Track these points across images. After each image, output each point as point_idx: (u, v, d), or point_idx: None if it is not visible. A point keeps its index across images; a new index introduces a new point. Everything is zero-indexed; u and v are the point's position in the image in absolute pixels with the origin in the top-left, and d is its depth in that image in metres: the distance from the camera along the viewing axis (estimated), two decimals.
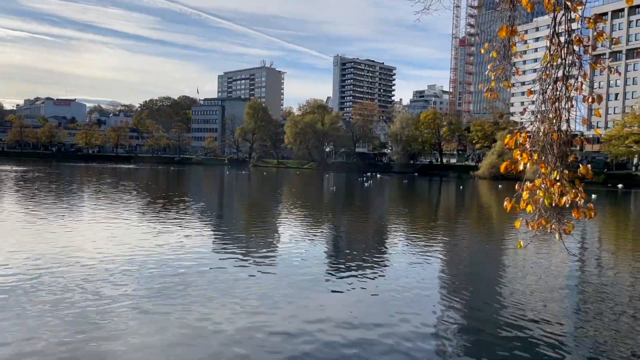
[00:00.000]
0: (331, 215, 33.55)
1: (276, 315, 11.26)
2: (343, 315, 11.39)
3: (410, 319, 11.20)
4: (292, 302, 12.36)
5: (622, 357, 9.37)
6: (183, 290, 12.90)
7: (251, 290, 13.16)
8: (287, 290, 13.32)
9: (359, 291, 13.57)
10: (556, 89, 5.02)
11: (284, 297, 12.67)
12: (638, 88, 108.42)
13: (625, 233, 29.69)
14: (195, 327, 10.40)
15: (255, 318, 11.04)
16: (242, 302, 12.15)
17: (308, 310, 11.78)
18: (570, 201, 5.08)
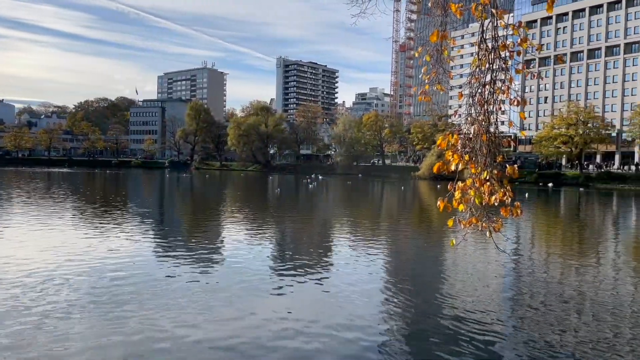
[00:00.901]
0: (275, 217, 33.44)
1: (216, 320, 11.08)
2: (285, 317, 11.38)
3: (353, 320, 11.33)
4: (233, 305, 12.21)
5: (551, 347, 9.87)
6: (119, 299, 12.46)
7: (192, 296, 12.90)
8: (228, 294, 13.15)
9: (302, 292, 13.60)
10: (484, 93, 5.23)
11: (225, 301, 12.50)
12: (565, 92, 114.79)
13: (555, 229, 31.34)
14: (133, 336, 10.07)
15: (196, 324, 10.83)
16: (182, 308, 11.88)
17: (249, 314, 11.68)
18: (499, 200, 5.30)
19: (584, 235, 28.10)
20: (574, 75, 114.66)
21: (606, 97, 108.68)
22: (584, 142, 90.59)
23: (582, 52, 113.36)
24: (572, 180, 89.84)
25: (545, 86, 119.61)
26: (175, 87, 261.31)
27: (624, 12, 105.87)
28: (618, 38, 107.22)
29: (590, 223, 34.99)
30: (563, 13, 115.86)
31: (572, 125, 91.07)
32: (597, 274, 16.91)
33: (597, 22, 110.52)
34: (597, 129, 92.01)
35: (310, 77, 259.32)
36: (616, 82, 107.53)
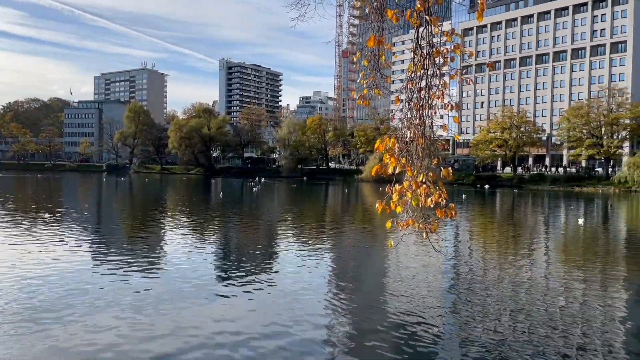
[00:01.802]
0: (218, 221, 32.92)
1: (159, 327, 10.77)
2: (230, 322, 11.21)
3: (297, 323, 11.32)
4: (176, 312, 11.91)
5: (490, 343, 10.24)
6: (57, 311, 11.87)
7: (134, 304, 12.47)
8: (171, 301, 12.81)
9: (247, 297, 13.45)
10: (420, 97, 5.37)
11: (168, 308, 12.16)
12: (500, 97, 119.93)
13: (490, 229, 32.63)
14: (59, 347, 9.61)
15: (138, 332, 10.47)
16: (123, 318, 11.46)
17: (193, 320, 11.42)
18: (435, 202, 5.45)
19: (517, 235, 29.40)
20: (508, 81, 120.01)
21: (537, 103, 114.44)
22: (517, 146, 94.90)
23: (514, 60, 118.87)
24: (507, 181, 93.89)
25: (481, 92, 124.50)
26: (113, 88, 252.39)
27: (552, 22, 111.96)
28: (547, 47, 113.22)
29: (524, 223, 36.67)
30: (497, 22, 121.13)
31: (507, 130, 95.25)
32: (530, 272, 17.72)
33: (528, 32, 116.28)
34: (529, 133, 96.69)
35: (254, 80, 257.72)
36: (546, 88, 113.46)
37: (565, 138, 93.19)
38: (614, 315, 12.56)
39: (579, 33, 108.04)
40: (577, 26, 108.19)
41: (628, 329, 11.52)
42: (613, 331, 11.29)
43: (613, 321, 12.01)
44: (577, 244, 25.89)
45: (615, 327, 11.57)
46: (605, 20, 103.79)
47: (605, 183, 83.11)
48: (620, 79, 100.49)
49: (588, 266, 19.20)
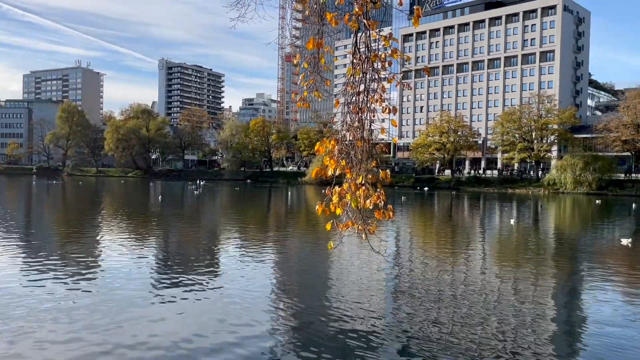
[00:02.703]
0: (158, 225, 32.00)
1: (95, 336, 10.31)
2: (169, 329, 10.90)
3: (242, 326, 11.16)
4: (112, 321, 11.44)
5: (430, 341, 10.50)
6: None
7: (69, 314, 11.87)
8: (107, 310, 12.30)
9: (187, 303, 13.13)
10: (359, 101, 5.42)
11: (104, 317, 11.67)
12: (438, 102, 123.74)
13: (429, 230, 33.55)
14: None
15: (76, 343, 9.98)
16: (60, 327, 10.89)
17: (134, 326, 11.02)
18: (374, 203, 5.52)
19: (455, 235, 30.39)
20: (446, 87, 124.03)
21: (473, 108, 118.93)
22: (454, 149, 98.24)
23: (452, 66, 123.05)
24: (445, 184, 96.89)
25: (421, 96, 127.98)
26: (44, 87, 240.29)
27: (487, 31, 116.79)
28: (482, 54, 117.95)
29: (461, 223, 37.97)
30: (435, 29, 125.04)
31: (444, 134, 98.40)
32: (466, 271, 18.35)
33: (465, 39, 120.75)
34: (466, 137, 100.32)
35: (195, 81, 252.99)
36: (481, 94, 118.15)
37: (499, 142, 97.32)
38: (544, 310, 13.20)
39: (511, 42, 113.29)
40: (510, 35, 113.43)
41: (556, 321, 12.15)
42: (543, 325, 11.86)
43: (543, 316, 12.63)
44: (510, 243, 27.07)
45: (544, 321, 12.16)
46: (535, 30, 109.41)
47: (536, 185, 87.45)
48: (549, 86, 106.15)
49: (520, 264, 20.10)
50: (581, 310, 13.65)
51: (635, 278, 17.99)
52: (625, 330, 11.46)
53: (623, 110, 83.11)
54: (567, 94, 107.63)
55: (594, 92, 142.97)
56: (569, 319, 12.68)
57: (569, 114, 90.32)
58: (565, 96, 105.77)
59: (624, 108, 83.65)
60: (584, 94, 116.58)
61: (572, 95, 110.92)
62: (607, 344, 10.48)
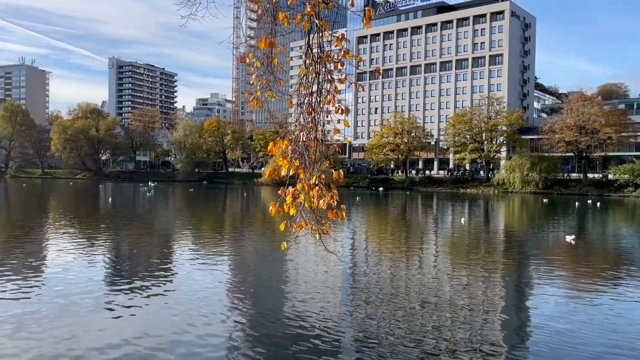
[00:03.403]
0: (108, 229, 31.02)
1: (43, 345, 9.88)
2: (125, 334, 10.57)
3: (196, 329, 10.96)
4: (63, 327, 11.00)
5: (387, 338, 10.62)
6: None
7: (17, 322, 11.32)
8: (55, 318, 11.81)
9: (140, 308, 12.78)
10: (312, 101, 5.42)
11: (51, 325, 11.20)
12: (392, 104, 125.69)
13: (384, 229, 34.00)
14: None
15: (25, 353, 9.52)
16: (5, 335, 10.38)
17: (86, 333, 10.62)
18: (327, 203, 5.53)
19: (408, 234, 30.92)
20: (399, 88, 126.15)
21: (426, 110, 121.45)
22: (408, 150, 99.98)
23: (405, 68, 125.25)
24: (400, 184, 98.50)
25: (375, 98, 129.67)
26: None
27: (439, 34, 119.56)
28: (434, 57, 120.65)
29: (414, 222, 38.67)
30: (389, 31, 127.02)
31: (398, 135, 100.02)
32: (420, 270, 18.69)
33: (417, 42, 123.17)
34: (419, 138, 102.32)
35: (147, 80, 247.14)
36: (434, 96, 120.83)
37: (451, 143, 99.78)
38: (494, 306, 13.61)
39: (462, 45, 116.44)
40: (461, 39, 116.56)
41: (506, 316, 12.55)
42: (493, 320, 12.22)
43: (493, 312, 13.01)
44: (462, 242, 27.78)
45: (494, 317, 12.54)
46: (485, 34, 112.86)
47: (486, 185, 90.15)
48: (498, 89, 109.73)
49: (471, 261, 20.66)
50: (528, 305, 14.15)
51: (578, 274, 18.81)
52: (569, 323, 11.96)
53: (566, 113, 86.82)
54: (515, 97, 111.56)
55: (540, 95, 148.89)
56: (517, 314, 13.11)
57: (517, 115, 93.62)
58: (513, 99, 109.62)
59: (567, 110, 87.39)
60: (530, 96, 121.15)
61: (520, 97, 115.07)
62: (552, 336, 10.90)
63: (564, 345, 10.38)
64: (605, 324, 11.89)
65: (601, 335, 11.00)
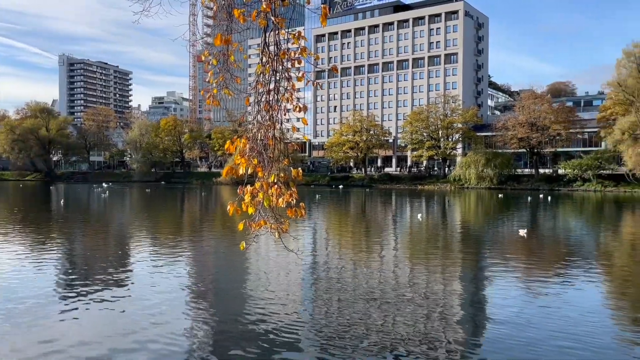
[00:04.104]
0: (60, 231, 29.96)
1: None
2: (81, 339, 10.23)
3: (155, 333, 10.72)
4: (18, 333, 10.54)
5: (348, 335, 10.68)
6: None
7: None
8: (10, 321, 11.32)
9: (97, 312, 12.40)
10: (269, 98, 5.40)
11: (6, 329, 10.73)
12: (351, 102, 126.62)
13: (344, 227, 34.22)
14: None
15: None
16: None
17: (38, 338, 10.21)
18: (286, 202, 5.52)
19: (367, 231, 31.23)
20: (358, 87, 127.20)
21: (384, 108, 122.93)
22: (367, 148, 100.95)
23: (363, 67, 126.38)
24: (359, 181, 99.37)
25: (334, 96, 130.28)
26: None
27: (395, 33, 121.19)
28: (392, 55, 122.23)
29: (374, 219, 39.10)
30: (347, 30, 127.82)
31: (357, 133, 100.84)
32: (380, 265, 18.91)
33: (375, 40, 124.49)
34: (378, 136, 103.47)
35: (100, 78, 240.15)
36: (391, 94, 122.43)
37: (409, 140, 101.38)
38: (451, 299, 13.92)
39: (418, 44, 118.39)
40: (417, 37, 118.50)
41: (462, 309, 12.86)
42: (450, 313, 12.50)
43: (450, 305, 13.31)
44: (420, 237, 28.28)
45: (452, 309, 12.82)
46: (440, 33, 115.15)
47: (443, 181, 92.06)
48: (453, 87, 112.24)
49: (429, 256, 21.06)
50: (484, 297, 14.55)
51: (530, 266, 19.47)
52: (523, 313, 12.36)
53: (519, 110, 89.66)
54: (469, 95, 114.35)
55: (493, 93, 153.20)
56: (473, 305, 13.45)
57: (472, 113, 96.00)
58: (468, 96, 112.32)
59: (519, 108, 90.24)
60: (484, 94, 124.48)
61: (474, 95, 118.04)
62: (506, 324, 11.25)
63: (517, 332, 10.72)
64: (555, 311, 12.36)
65: (551, 322, 11.43)
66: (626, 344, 10.37)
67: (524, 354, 9.57)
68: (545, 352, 9.63)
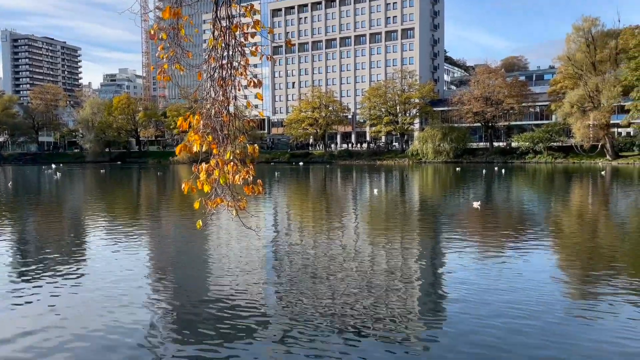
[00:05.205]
0: (10, 216, 28.81)
1: None
2: (40, 323, 9.92)
3: (115, 317, 10.51)
4: None
5: (310, 313, 10.77)
6: None
7: None
8: None
9: (57, 295, 12.04)
10: (222, 73, 5.26)
11: None
12: (309, 78, 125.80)
13: (304, 203, 34.31)
14: None
15: None
16: None
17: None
18: (243, 179, 5.45)
19: (327, 207, 31.42)
20: (316, 62, 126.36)
21: (342, 84, 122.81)
22: (326, 124, 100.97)
23: (321, 42, 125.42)
24: (319, 158, 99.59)
25: (292, 72, 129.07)
26: None
27: (352, 7, 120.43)
28: (349, 30, 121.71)
29: (334, 195, 39.34)
30: (304, 4, 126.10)
31: (316, 109, 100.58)
32: (341, 241, 19.09)
33: (332, 15, 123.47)
34: (337, 112, 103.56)
35: (46, 55, 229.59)
36: (350, 70, 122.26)
37: (367, 116, 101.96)
38: (410, 271, 14.24)
39: (375, 19, 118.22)
40: (374, 12, 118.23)
41: (422, 281, 13.18)
42: (410, 285, 12.79)
43: (409, 278, 13.61)
44: (379, 212, 28.66)
45: (411, 282, 13.12)
46: (397, 8, 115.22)
47: (401, 156, 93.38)
48: (410, 63, 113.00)
49: (389, 230, 21.41)
50: (441, 268, 14.94)
51: (484, 237, 20.09)
52: (479, 281, 12.78)
53: (474, 85, 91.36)
54: (426, 70, 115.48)
55: (450, 68, 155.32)
56: (431, 276, 13.80)
57: (429, 88, 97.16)
58: (425, 72, 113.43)
59: (474, 83, 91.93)
60: (440, 69, 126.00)
61: (431, 70, 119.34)
62: (463, 293, 11.61)
63: (475, 299, 11.09)
64: (510, 279, 12.84)
65: (506, 289, 11.87)
66: (575, 312, 10.92)
67: (478, 328, 9.89)
68: (498, 324, 9.98)
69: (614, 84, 70.57)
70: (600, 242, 18.82)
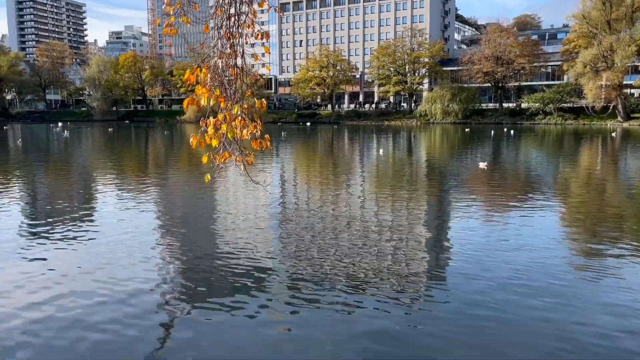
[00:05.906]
0: (20, 174, 29.12)
1: None
2: (49, 283, 10.19)
3: (125, 274, 10.74)
4: None
5: (320, 270, 10.96)
6: None
7: None
8: None
9: (65, 254, 12.30)
10: (230, 25, 5.18)
11: None
12: (317, 36, 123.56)
13: (311, 163, 34.34)
14: None
15: None
16: None
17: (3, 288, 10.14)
18: (251, 133, 5.44)
19: (335, 167, 31.45)
20: (324, 20, 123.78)
21: (350, 42, 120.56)
22: (334, 84, 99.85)
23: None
24: (326, 118, 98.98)
25: (300, 30, 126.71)
26: None
27: None
28: None
29: (341, 155, 39.31)
30: None
31: (324, 68, 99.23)
32: (347, 200, 19.19)
33: None
34: (345, 72, 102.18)
35: (51, 11, 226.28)
36: (358, 28, 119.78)
37: (376, 76, 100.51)
38: (417, 233, 14.36)
39: None
40: None
41: (428, 243, 13.31)
42: (417, 247, 12.92)
43: (417, 239, 13.74)
44: (386, 173, 28.67)
45: (418, 244, 13.25)
46: None
47: (409, 117, 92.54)
48: (420, 20, 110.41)
49: (396, 191, 21.46)
50: (446, 230, 15.05)
51: (489, 198, 20.11)
52: (484, 242, 12.89)
53: (484, 44, 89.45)
54: (436, 28, 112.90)
55: (460, 27, 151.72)
56: (436, 238, 13.92)
57: (439, 47, 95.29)
58: (435, 30, 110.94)
59: (485, 42, 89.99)
60: (451, 28, 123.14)
61: (441, 29, 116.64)
62: (469, 256, 11.73)
63: (479, 260, 11.22)
64: (516, 240, 12.93)
65: (512, 250, 11.98)
66: (581, 273, 11.02)
67: (483, 288, 10.01)
68: (503, 285, 10.09)
69: (628, 44, 68.85)
70: (608, 203, 18.80)
